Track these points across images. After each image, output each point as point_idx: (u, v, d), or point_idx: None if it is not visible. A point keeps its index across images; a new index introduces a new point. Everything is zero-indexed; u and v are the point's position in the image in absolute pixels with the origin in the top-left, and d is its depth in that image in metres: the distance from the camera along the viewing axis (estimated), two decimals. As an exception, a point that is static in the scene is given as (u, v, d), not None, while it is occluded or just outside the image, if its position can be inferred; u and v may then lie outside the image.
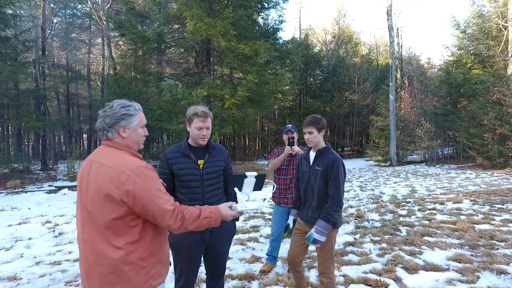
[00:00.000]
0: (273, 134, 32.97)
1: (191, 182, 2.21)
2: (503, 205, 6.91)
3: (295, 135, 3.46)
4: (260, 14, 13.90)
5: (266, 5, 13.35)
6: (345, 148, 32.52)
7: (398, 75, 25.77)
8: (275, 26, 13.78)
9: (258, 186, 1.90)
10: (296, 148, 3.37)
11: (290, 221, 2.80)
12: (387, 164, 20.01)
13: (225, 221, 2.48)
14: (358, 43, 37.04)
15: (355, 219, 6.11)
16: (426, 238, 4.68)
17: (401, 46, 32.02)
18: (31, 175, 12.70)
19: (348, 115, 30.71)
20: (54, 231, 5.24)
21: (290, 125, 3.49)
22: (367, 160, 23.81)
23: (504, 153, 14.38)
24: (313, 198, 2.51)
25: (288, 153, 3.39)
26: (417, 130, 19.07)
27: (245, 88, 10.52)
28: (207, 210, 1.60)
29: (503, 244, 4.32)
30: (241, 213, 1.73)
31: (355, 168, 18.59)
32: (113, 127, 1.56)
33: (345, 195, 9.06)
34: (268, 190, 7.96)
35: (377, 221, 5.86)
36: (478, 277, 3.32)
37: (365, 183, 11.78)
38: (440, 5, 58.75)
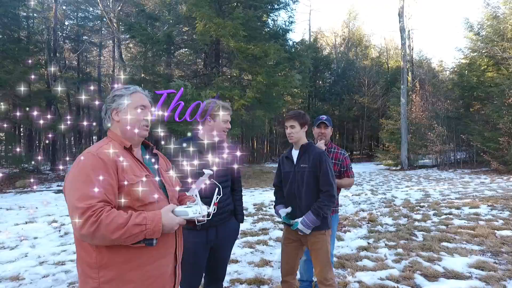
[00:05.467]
0: (282, 137, 32.79)
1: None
2: (523, 210, 6.60)
3: (329, 131, 2.92)
4: (270, 15, 13.81)
5: (276, 5, 13.25)
6: (354, 152, 32.14)
7: (409, 78, 25.37)
8: (284, 27, 13.66)
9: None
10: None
11: (287, 210, 2.43)
12: (398, 168, 19.62)
13: (231, 222, 2.35)
14: (368, 46, 36.75)
15: (368, 223, 5.89)
16: (444, 243, 4.44)
17: (412, 49, 31.57)
18: (40, 175, 12.79)
19: (357, 118, 30.37)
20: (60, 230, 5.17)
21: (324, 117, 2.92)
22: (377, 164, 23.43)
23: (521, 157, 13.93)
24: (300, 199, 2.34)
25: (323, 148, 2.70)
26: (429, 133, 18.67)
27: (255, 89, 10.40)
28: (141, 216, 1.23)
29: (528, 251, 4.06)
30: (192, 220, 1.36)
31: (365, 172, 18.26)
32: (107, 113, 1.45)
33: (356, 198, 8.83)
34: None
35: (391, 225, 5.63)
36: (505, 286, 3.09)
37: (376, 187, 11.50)
38: (452, 7, 57.98)
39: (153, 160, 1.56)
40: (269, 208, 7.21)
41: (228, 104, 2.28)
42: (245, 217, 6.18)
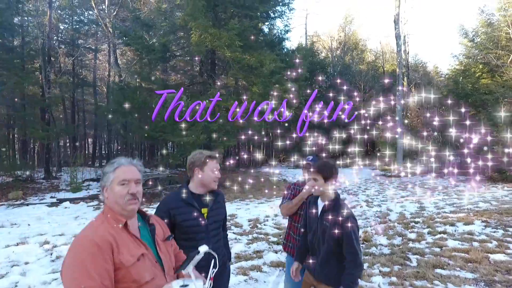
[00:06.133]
0: (279, 141, 32.73)
1: (196, 234, 2.04)
2: (516, 228, 6.64)
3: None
4: (266, 23, 13.80)
5: (272, 15, 13.24)
6: (351, 155, 32.24)
7: (405, 83, 25.48)
8: (280, 36, 13.65)
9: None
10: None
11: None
12: (394, 174, 19.68)
13: (226, 270, 2.35)
14: (364, 50, 36.82)
15: (363, 243, 5.88)
16: (438, 270, 4.45)
17: (408, 53, 31.78)
18: (33, 185, 12.65)
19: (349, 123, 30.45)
20: (51, 254, 5.10)
21: (310, 157, 2.80)
22: (373, 169, 23.51)
23: (515, 166, 14.04)
24: (319, 254, 2.26)
25: (310, 193, 2.57)
26: (424, 140, 18.77)
27: (250, 100, 10.39)
28: None
29: (521, 280, 4.08)
30: None
31: (361, 178, 18.31)
32: (100, 190, 1.54)
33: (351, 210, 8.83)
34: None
35: (386, 246, 5.63)
36: (497, 325, 3.09)
37: (372, 197, 11.53)
38: (448, 14, 58.41)
39: (150, 229, 1.57)
40: (264, 224, 7.18)
41: (215, 152, 2.27)
42: (239, 237, 6.17)
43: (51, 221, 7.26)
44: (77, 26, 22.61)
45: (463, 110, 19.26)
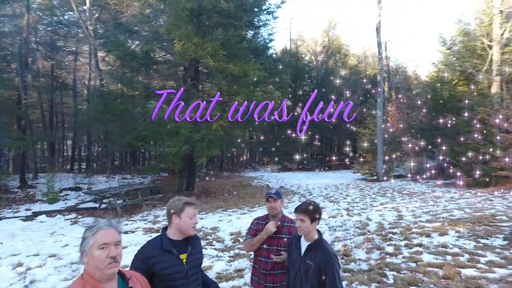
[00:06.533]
0: (262, 144, 32.90)
1: (176, 281, 2.04)
2: (487, 239, 6.93)
3: (279, 203, 2.84)
4: (250, 32, 13.84)
5: (256, 23, 13.30)
6: (333, 158, 32.73)
7: (386, 88, 26.12)
8: (265, 44, 13.72)
9: None
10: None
11: None
12: (374, 178, 20.14)
13: None
14: (347, 55, 37.49)
15: (342, 258, 6.00)
16: (413, 288, 4.60)
17: (389, 58, 32.58)
18: (8, 195, 12.19)
19: (336, 127, 30.94)
20: (25, 278, 4.94)
21: (273, 191, 2.90)
22: (355, 173, 23.97)
23: (488, 172, 14.63)
24: None
25: (271, 231, 2.73)
26: (403, 145, 19.33)
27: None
28: None
29: (489, 297, 4.27)
30: None
31: (343, 184, 18.62)
32: (80, 255, 1.55)
33: (332, 222, 8.99)
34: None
35: (364, 261, 5.77)
36: None
37: (353, 205, 11.76)
38: (429, 21, 60.22)
39: None
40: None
41: (193, 199, 2.30)
42: (221, 253, 6.17)
43: (26, 238, 7.03)
44: (57, 27, 21.94)
45: (440, 116, 19.95)
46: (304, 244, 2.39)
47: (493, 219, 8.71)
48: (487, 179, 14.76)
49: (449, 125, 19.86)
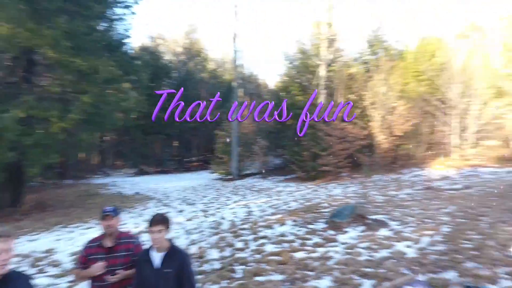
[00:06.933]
0: (115, 146, 29.98)
1: None
2: (313, 224, 8.50)
3: (116, 220, 2.69)
4: (103, 25, 12.29)
5: (110, 16, 11.89)
6: (192, 158, 33.09)
7: (241, 93, 28.30)
8: (120, 40, 12.47)
9: None
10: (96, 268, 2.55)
11: None
12: (229, 177, 21.55)
13: None
14: (206, 59, 38.62)
15: (197, 260, 6.14)
16: (258, 278, 5.16)
17: (243, 66, 35.48)
18: None
19: (195, 128, 31.40)
20: None
21: (109, 208, 2.72)
22: (212, 173, 24.98)
23: (315, 168, 18.03)
24: None
25: (95, 274, 2.52)
26: (254, 146, 21.52)
27: (80, 110, 8.96)
28: None
29: (312, 274, 5.25)
30: None
31: (200, 185, 19.10)
32: None
33: (189, 225, 9.09)
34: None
35: (217, 260, 6.08)
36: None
37: (209, 205, 12.20)
38: (278, 35, 68.49)
39: None
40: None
41: (4, 230, 1.88)
42: (56, 280, 5.25)
43: None
44: None
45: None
46: (157, 256, 2.43)
47: (318, 207, 10.76)
48: (315, 174, 18.16)
49: (289, 129, 23.48)
